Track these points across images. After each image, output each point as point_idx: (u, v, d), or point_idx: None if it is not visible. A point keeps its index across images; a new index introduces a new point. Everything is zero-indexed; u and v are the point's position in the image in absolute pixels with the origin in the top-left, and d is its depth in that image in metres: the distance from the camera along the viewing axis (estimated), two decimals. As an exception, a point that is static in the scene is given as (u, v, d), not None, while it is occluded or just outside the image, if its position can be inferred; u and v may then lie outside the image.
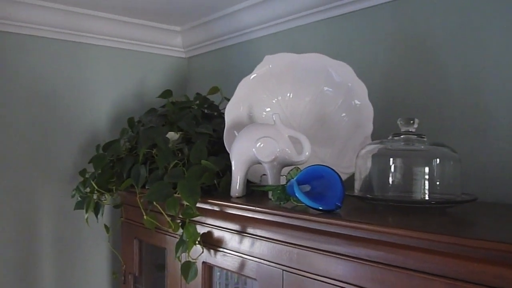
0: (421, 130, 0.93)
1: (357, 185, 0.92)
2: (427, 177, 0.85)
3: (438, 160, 0.86)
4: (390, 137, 0.91)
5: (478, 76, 1.08)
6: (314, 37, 1.49)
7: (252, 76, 1.16)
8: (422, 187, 0.85)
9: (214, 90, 1.46)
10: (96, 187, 1.32)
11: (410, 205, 0.84)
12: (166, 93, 1.50)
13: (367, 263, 0.75)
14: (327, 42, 1.44)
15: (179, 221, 1.18)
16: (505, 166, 1.02)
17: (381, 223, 0.72)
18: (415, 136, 0.89)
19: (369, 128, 1.10)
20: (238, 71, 1.64)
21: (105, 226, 1.41)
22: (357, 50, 1.36)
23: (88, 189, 1.42)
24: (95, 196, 1.37)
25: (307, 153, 0.99)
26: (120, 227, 1.55)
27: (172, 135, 1.30)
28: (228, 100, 1.16)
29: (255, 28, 1.67)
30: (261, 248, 0.97)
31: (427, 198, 0.84)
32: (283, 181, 0.99)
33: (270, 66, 1.16)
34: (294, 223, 0.87)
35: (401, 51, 1.25)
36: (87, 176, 1.45)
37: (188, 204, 1.04)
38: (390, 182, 0.89)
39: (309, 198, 0.82)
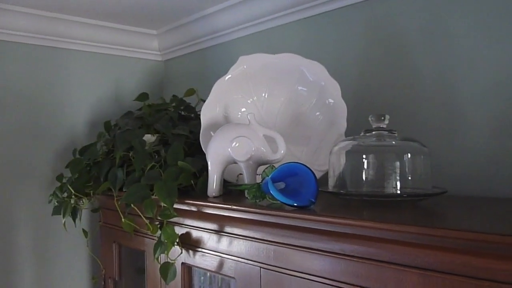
0: (393, 127, 0.94)
1: (331, 181, 0.93)
2: (398, 171, 0.87)
3: (409, 154, 0.88)
4: (362, 134, 0.93)
5: (449, 74, 1.11)
6: (289, 38, 1.51)
7: (227, 77, 1.17)
8: (394, 181, 0.87)
9: (191, 92, 1.46)
10: (73, 191, 1.31)
11: (383, 199, 0.86)
12: (143, 96, 1.50)
13: (341, 257, 0.77)
14: (302, 42, 1.46)
15: (157, 223, 1.18)
16: (473, 161, 1.05)
17: (354, 217, 0.74)
18: (386, 132, 0.91)
19: (343, 126, 1.12)
20: (215, 73, 1.64)
21: (83, 230, 1.40)
22: (331, 50, 1.38)
23: (65, 194, 1.41)
24: (72, 201, 1.36)
25: (282, 152, 1.01)
26: (99, 231, 1.54)
27: (148, 138, 1.30)
28: (204, 101, 1.17)
29: (231, 30, 1.68)
30: (239, 246, 0.98)
31: (399, 192, 0.86)
32: (259, 180, 1.00)
33: (245, 66, 1.17)
34: (270, 220, 0.88)
35: (374, 50, 1.27)
36: (64, 181, 1.44)
37: (165, 205, 1.05)
38: (364, 177, 0.90)
39: (284, 195, 0.83)
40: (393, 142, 0.91)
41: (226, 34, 1.72)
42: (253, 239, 0.94)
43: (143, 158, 1.17)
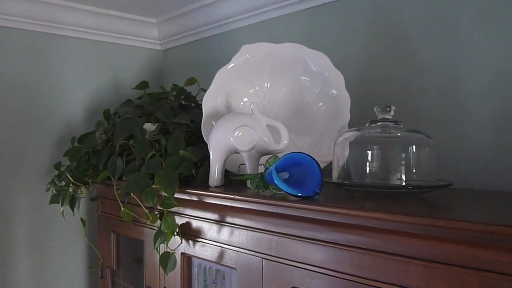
0: (397, 119, 0.94)
1: (335, 172, 0.93)
2: (403, 163, 0.86)
3: (414, 146, 0.87)
4: (367, 125, 0.92)
5: (453, 66, 1.10)
6: (291, 28, 1.49)
7: (230, 66, 1.16)
8: (399, 173, 0.86)
9: (191, 81, 1.45)
10: (71, 180, 1.30)
11: (387, 191, 0.85)
12: (142, 85, 1.48)
13: (346, 248, 0.76)
14: (304, 33, 1.44)
15: (157, 212, 1.17)
16: (478, 154, 1.05)
17: (359, 207, 0.73)
18: (392, 123, 0.90)
19: (346, 117, 1.11)
20: (215, 63, 1.62)
21: (82, 219, 1.39)
22: (334, 41, 1.36)
23: (63, 183, 1.39)
24: (70, 189, 1.35)
25: (285, 142, 1.00)
26: (97, 220, 1.53)
27: (149, 126, 1.29)
28: (205, 91, 1.15)
29: (232, 20, 1.67)
30: (240, 237, 0.97)
31: (404, 184, 0.85)
32: (261, 170, 0.99)
33: (248, 56, 1.16)
34: (273, 211, 0.87)
35: (378, 41, 1.26)
36: (62, 169, 1.42)
37: (166, 194, 1.03)
38: (368, 169, 0.89)
39: (288, 185, 0.82)
40: (398, 134, 0.90)
41: (227, 23, 1.70)
42: (255, 230, 0.93)
43: (144, 147, 1.16)
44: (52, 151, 1.70)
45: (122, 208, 1.18)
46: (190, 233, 1.11)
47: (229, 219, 0.99)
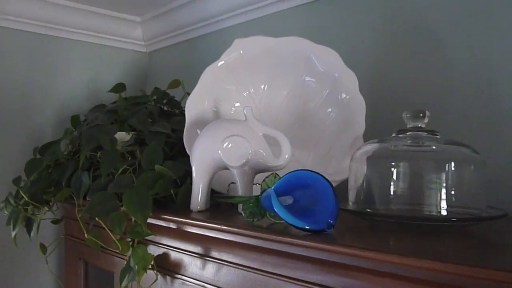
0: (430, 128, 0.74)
1: (352, 195, 0.72)
2: (441, 185, 0.65)
3: (454, 163, 0.67)
4: (394, 135, 0.72)
5: (487, 64, 0.90)
6: (291, 24, 1.30)
7: (220, 63, 0.97)
8: (435, 198, 0.66)
9: (175, 83, 1.25)
10: (26, 198, 1.08)
11: (422, 223, 0.65)
12: (118, 87, 1.28)
13: (371, 302, 0.55)
14: (306, 30, 1.25)
15: (129, 239, 0.96)
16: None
17: (394, 250, 0.53)
18: (425, 133, 0.70)
19: (361, 126, 0.91)
20: (206, 66, 1.44)
21: (41, 245, 1.17)
22: (341, 37, 1.17)
23: (22, 201, 1.18)
24: (29, 209, 1.13)
25: (286, 156, 0.79)
26: (63, 245, 1.32)
27: (122, 136, 1.08)
28: (191, 94, 0.95)
29: (225, 16, 1.47)
30: (229, 276, 0.76)
31: (444, 213, 0.65)
32: (256, 191, 0.79)
33: (241, 51, 0.97)
34: (271, 247, 0.66)
35: (394, 36, 1.07)
36: (22, 185, 1.21)
37: (136, 220, 0.83)
38: (393, 191, 0.69)
39: (292, 213, 0.61)
40: (434, 147, 0.70)
41: (219, 21, 1.51)
42: (247, 269, 0.72)
43: (113, 160, 0.95)
44: (18, 164, 1.48)
45: (86, 235, 0.97)
46: (167, 267, 0.90)
47: (215, 254, 0.79)
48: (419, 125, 0.70)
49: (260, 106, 1.01)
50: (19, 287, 1.49)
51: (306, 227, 0.61)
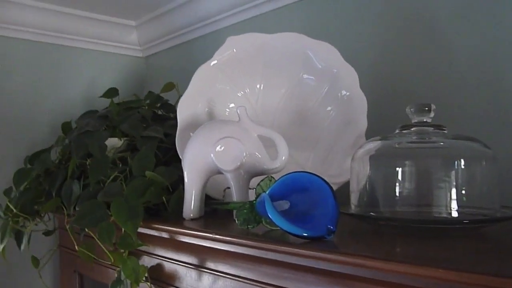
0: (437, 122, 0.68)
1: (354, 198, 0.67)
2: (454, 183, 0.60)
3: (464, 159, 0.62)
4: (398, 131, 0.67)
5: (493, 54, 0.85)
6: (288, 22, 1.25)
7: (212, 62, 0.92)
8: (445, 199, 0.61)
9: (169, 87, 1.20)
10: (14, 209, 1.04)
11: (430, 226, 0.59)
12: (111, 92, 1.23)
13: (377, 315, 0.50)
14: (303, 27, 1.20)
15: (122, 250, 0.91)
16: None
17: (401, 257, 0.47)
18: (432, 128, 0.65)
19: (363, 124, 0.86)
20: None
21: (33, 258, 1.12)
22: (339, 32, 1.12)
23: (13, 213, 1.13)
24: (20, 221, 1.09)
25: (283, 158, 0.74)
26: (58, 257, 1.27)
27: (114, 142, 1.03)
28: (184, 96, 0.90)
29: (221, 16, 1.43)
30: (225, 288, 0.71)
31: (455, 214, 0.59)
32: (253, 196, 0.74)
33: (235, 50, 0.92)
34: (267, 257, 0.61)
35: (396, 29, 1.01)
36: (13, 195, 1.16)
37: (126, 230, 0.78)
38: (399, 192, 0.64)
39: (288, 219, 0.56)
40: (441, 143, 0.64)
41: (215, 21, 1.46)
42: (244, 280, 0.67)
43: (102, 167, 0.90)
44: (11, 173, 1.44)
45: (77, 247, 0.92)
46: (162, 279, 0.85)
47: (210, 264, 0.73)
48: (425, 120, 0.65)
49: (257, 106, 0.96)
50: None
51: (304, 234, 0.55)
